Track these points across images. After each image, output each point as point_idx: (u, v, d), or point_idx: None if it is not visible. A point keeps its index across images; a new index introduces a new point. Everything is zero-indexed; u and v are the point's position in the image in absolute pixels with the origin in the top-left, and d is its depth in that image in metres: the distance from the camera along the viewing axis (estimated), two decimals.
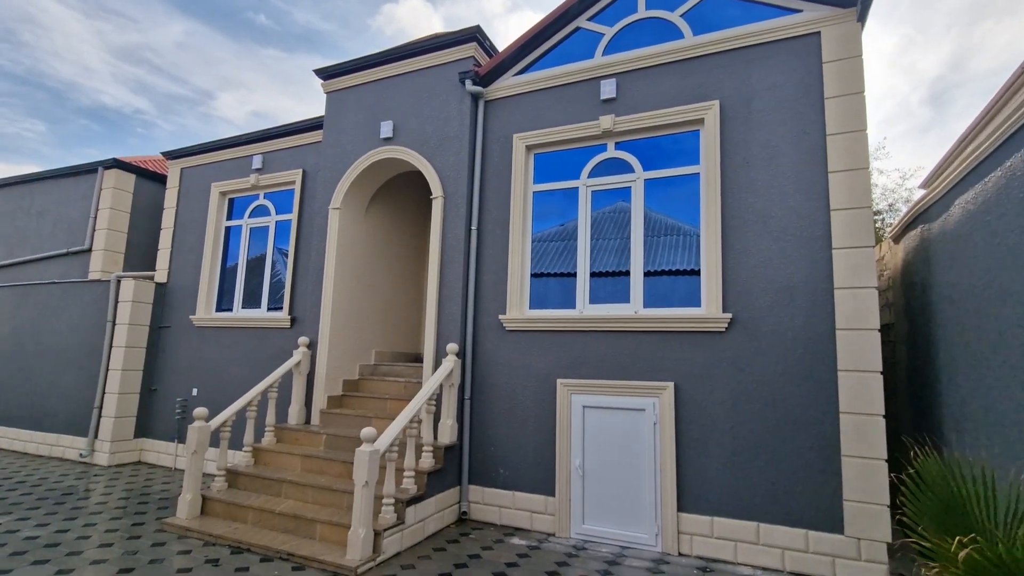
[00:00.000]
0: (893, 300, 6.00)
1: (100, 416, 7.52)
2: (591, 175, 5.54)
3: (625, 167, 5.39)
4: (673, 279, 5.06)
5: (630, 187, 5.34)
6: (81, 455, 7.49)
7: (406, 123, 6.25)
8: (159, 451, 7.60)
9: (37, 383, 8.21)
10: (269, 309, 7.33)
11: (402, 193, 7.42)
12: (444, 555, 4.46)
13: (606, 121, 5.32)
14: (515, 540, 4.87)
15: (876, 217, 13.40)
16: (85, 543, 4.47)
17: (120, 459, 7.51)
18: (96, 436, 7.49)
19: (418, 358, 7.71)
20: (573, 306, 5.39)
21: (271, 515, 4.78)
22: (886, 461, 4.06)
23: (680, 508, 4.60)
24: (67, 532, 4.73)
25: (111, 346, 7.64)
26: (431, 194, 6.01)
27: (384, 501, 4.44)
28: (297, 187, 7.18)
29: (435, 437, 5.32)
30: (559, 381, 5.17)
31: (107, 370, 7.59)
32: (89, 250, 8.30)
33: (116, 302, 7.72)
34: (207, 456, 6.17)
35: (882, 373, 4.17)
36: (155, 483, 6.55)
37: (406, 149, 6.17)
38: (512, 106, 5.88)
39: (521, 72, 5.92)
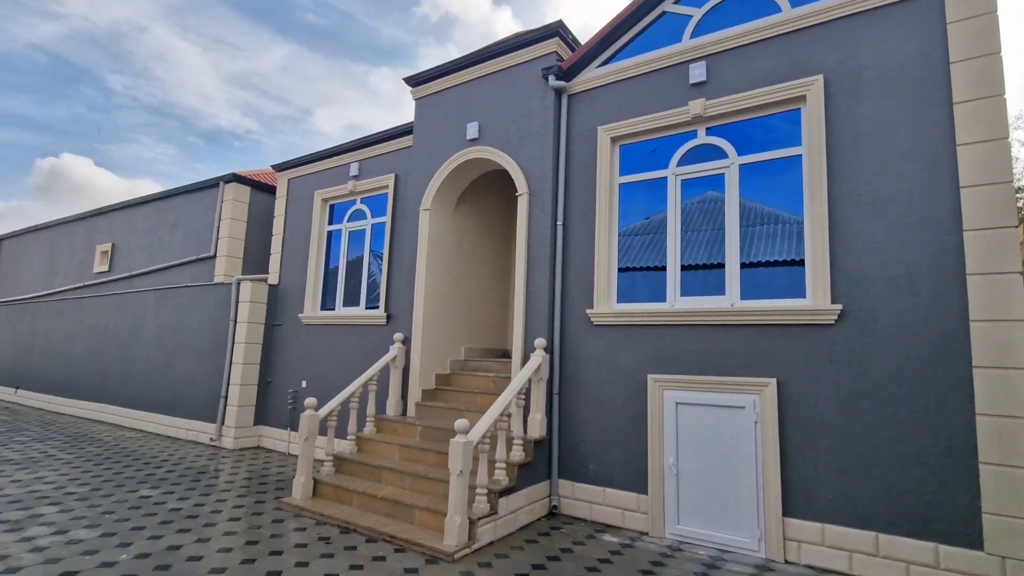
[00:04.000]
0: None
1: (226, 405, 8.39)
2: (680, 163, 5.34)
3: (717, 153, 5.14)
4: (773, 270, 4.76)
5: (723, 174, 5.09)
6: (211, 439, 8.40)
7: (490, 123, 6.39)
8: (275, 438, 8.34)
9: (176, 375, 9.32)
10: (367, 307, 7.80)
11: (488, 192, 7.59)
12: (536, 547, 4.51)
13: (696, 106, 5.11)
14: (607, 537, 4.82)
15: (1020, 195, 11.75)
16: (217, 516, 5.02)
17: (243, 443, 8.34)
18: (223, 423, 8.37)
19: (505, 354, 7.86)
20: (663, 299, 5.23)
21: (374, 499, 5.08)
22: None
23: (786, 513, 4.31)
24: (203, 506, 5.33)
25: (233, 342, 8.50)
26: (516, 191, 6.09)
27: (477, 491, 4.58)
28: (390, 191, 7.58)
29: (525, 431, 5.39)
30: (650, 376, 5.05)
31: (231, 363, 8.45)
32: (214, 256, 9.28)
33: (237, 302, 8.57)
34: (316, 443, 6.69)
35: None
36: (272, 466, 7.20)
37: (491, 148, 6.30)
38: (596, 98, 5.81)
39: (604, 63, 5.83)
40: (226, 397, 8.40)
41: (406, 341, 6.71)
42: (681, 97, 5.27)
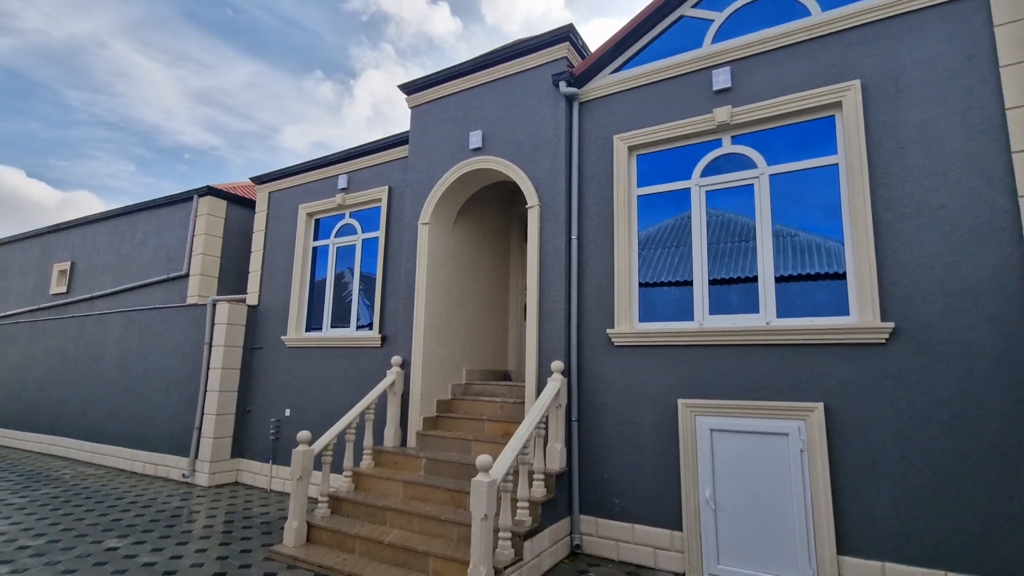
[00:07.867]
0: None
1: (200, 436, 7.67)
2: (704, 174, 5.05)
3: (745, 163, 4.87)
4: (809, 285, 4.46)
5: (752, 184, 4.80)
6: (184, 475, 7.65)
7: (496, 131, 6.01)
8: (255, 472, 7.65)
9: (143, 404, 8.52)
10: (358, 328, 7.25)
11: (486, 205, 7.19)
12: None
13: (721, 113, 4.83)
14: None
15: None
16: (200, 571, 4.39)
17: (219, 479, 7.61)
18: (196, 456, 7.63)
19: (506, 376, 7.40)
20: (691, 318, 4.89)
21: (379, 545, 4.53)
22: None
23: (840, 551, 3.96)
24: (181, 558, 4.68)
25: (208, 368, 7.80)
26: (526, 204, 5.71)
27: (500, 535, 4.09)
28: (383, 204, 7.09)
29: (544, 463, 4.94)
30: (680, 401, 4.67)
31: (205, 391, 7.75)
32: (187, 275, 8.58)
33: (212, 325, 7.89)
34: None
35: None
36: (254, 505, 6.54)
37: (497, 159, 5.91)
38: (610, 106, 5.50)
39: (618, 69, 5.53)
40: (200, 428, 7.67)
41: (404, 365, 6.20)
42: (704, 104, 4.99)
